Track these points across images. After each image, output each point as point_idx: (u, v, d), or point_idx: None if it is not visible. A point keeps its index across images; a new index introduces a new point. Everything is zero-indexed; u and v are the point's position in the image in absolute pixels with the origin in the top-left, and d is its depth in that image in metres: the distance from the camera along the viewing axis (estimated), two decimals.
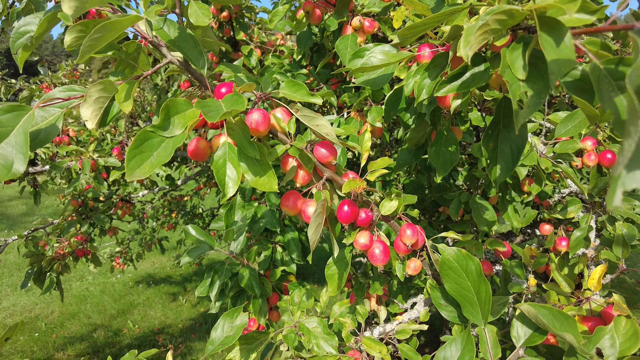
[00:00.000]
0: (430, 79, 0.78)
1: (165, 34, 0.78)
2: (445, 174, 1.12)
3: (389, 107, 1.10)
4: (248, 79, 0.93)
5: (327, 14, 1.52)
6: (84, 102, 0.72)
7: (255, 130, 0.84)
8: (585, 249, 1.28)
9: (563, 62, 0.49)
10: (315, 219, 0.87)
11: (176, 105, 0.76)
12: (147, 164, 0.71)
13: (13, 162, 0.68)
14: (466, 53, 0.53)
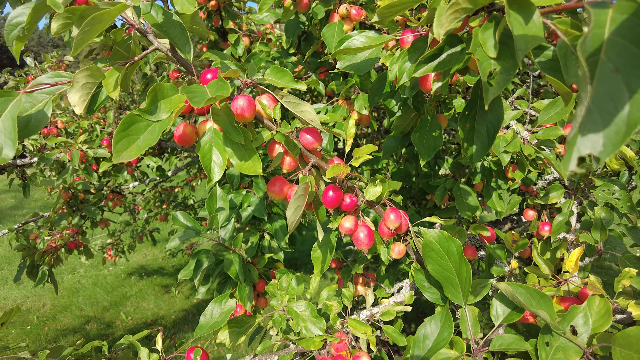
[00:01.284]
0: (410, 63, 0.80)
1: (152, 18, 0.79)
2: (428, 159, 1.15)
3: (373, 92, 1.12)
4: (231, 64, 0.94)
5: (314, 1, 1.53)
6: (71, 88, 0.73)
7: (241, 116, 0.86)
8: (567, 233, 1.32)
9: (530, 38, 0.51)
10: (295, 201, 0.89)
11: (163, 90, 0.77)
12: (133, 146, 0.73)
13: (2, 148, 0.69)
14: (438, 32, 0.55)
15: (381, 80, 1.08)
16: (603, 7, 0.40)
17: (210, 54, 0.94)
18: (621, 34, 0.38)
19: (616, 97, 0.37)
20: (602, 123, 0.37)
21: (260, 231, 2.17)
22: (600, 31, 0.38)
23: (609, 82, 0.37)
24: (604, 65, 0.38)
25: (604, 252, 1.18)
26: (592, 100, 0.38)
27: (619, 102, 0.37)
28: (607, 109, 0.38)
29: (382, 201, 1.06)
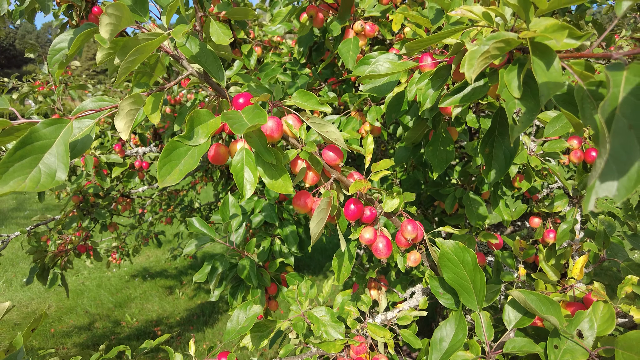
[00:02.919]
0: (433, 89, 0.86)
1: (188, 50, 0.85)
2: (441, 172, 1.21)
3: (391, 109, 1.18)
4: (258, 87, 1.00)
5: (329, 17, 1.59)
6: (117, 115, 0.79)
7: (270, 136, 0.92)
8: (571, 241, 1.38)
9: (552, 84, 0.57)
10: (319, 214, 0.95)
11: (199, 116, 0.83)
12: (175, 171, 0.79)
13: (56, 171, 0.75)
14: (470, 75, 0.61)
15: (399, 98, 1.14)
16: (619, 69, 0.46)
17: (238, 78, 1.00)
18: (635, 94, 0.44)
19: (629, 150, 0.44)
20: (617, 172, 0.44)
21: (272, 236, 2.24)
22: (617, 90, 0.45)
23: (624, 136, 0.44)
24: (619, 120, 0.45)
25: (607, 259, 1.24)
26: (610, 152, 0.44)
27: (632, 155, 0.43)
28: (622, 159, 0.44)
29: (399, 212, 1.12)
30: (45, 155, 0.75)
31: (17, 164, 0.72)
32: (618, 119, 0.46)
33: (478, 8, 0.71)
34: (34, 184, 0.72)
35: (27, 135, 0.73)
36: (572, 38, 0.64)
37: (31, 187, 0.72)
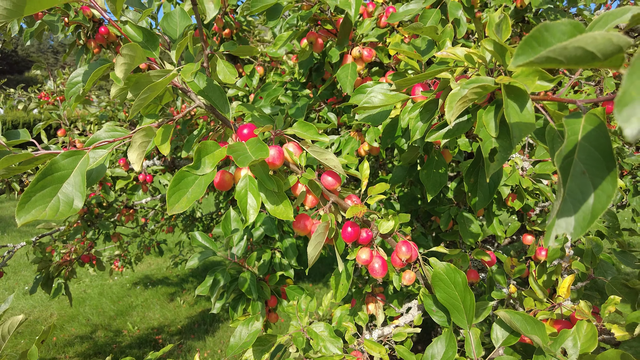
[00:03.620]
0: (422, 122, 0.92)
1: (196, 85, 0.91)
2: (435, 194, 1.26)
3: (386, 135, 1.24)
4: (261, 117, 1.06)
5: (328, 41, 1.66)
6: (130, 148, 0.85)
7: (272, 164, 0.98)
8: (561, 259, 1.43)
9: (524, 125, 0.63)
10: (316, 238, 1.00)
11: (206, 147, 0.89)
12: (184, 199, 0.85)
13: (73, 199, 0.81)
14: (449, 118, 0.67)
15: (393, 125, 1.21)
16: (577, 117, 0.52)
17: (242, 108, 1.07)
18: (589, 141, 0.50)
19: (584, 191, 0.50)
20: (573, 210, 0.49)
21: (272, 249, 2.29)
22: (575, 137, 0.51)
23: (580, 179, 0.50)
24: (577, 165, 0.51)
25: (595, 278, 1.29)
26: (567, 192, 0.50)
27: (586, 195, 0.49)
28: (578, 199, 0.50)
29: (394, 233, 1.18)
30: (64, 184, 0.81)
31: (38, 193, 0.78)
32: (576, 163, 0.52)
33: (461, 50, 0.77)
34: (54, 212, 0.78)
35: (47, 167, 0.80)
36: (545, 81, 0.70)
37: (51, 215, 0.78)
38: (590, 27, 0.61)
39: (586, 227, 0.49)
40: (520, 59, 0.45)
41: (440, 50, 1.14)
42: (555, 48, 0.39)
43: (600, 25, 0.61)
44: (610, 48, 0.42)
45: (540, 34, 0.46)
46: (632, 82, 0.35)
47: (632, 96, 0.35)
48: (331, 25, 1.61)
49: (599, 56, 0.43)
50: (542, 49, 0.45)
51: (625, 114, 0.35)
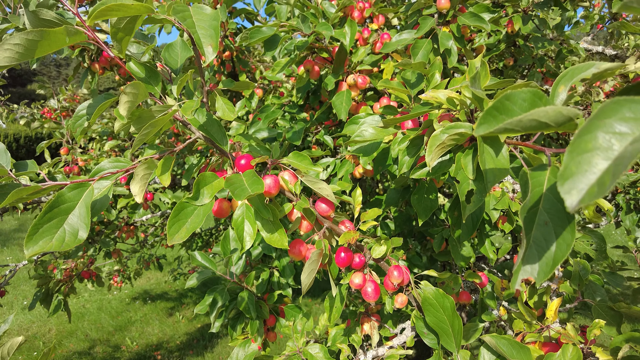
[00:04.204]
0: (409, 157, 0.97)
1: (196, 121, 0.97)
2: (426, 219, 1.31)
3: (378, 163, 1.29)
4: (259, 146, 1.11)
5: (324, 69, 1.72)
6: (133, 180, 0.90)
7: (268, 192, 1.03)
8: (550, 281, 1.47)
9: (498, 171, 0.68)
10: (310, 265, 1.04)
11: (205, 178, 0.94)
12: (183, 229, 0.89)
13: (78, 230, 0.85)
14: (429, 162, 0.72)
15: (384, 153, 1.26)
16: (542, 169, 0.57)
17: (240, 138, 1.12)
18: (553, 193, 0.55)
19: (548, 239, 0.54)
20: (537, 257, 0.54)
21: (270, 268, 2.32)
22: (540, 189, 0.55)
23: (544, 227, 0.54)
24: (541, 214, 0.55)
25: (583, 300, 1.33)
26: (532, 239, 0.55)
27: (550, 243, 0.54)
28: (542, 247, 0.54)
29: (387, 257, 1.22)
30: (70, 216, 0.85)
31: (45, 225, 0.83)
32: (540, 212, 0.56)
33: (443, 93, 0.83)
34: (60, 242, 0.83)
35: (55, 199, 0.84)
36: None
37: (57, 246, 0.82)
38: (558, 80, 0.66)
39: (549, 272, 0.54)
40: (482, 128, 0.49)
41: (429, 83, 1.19)
42: (512, 121, 0.44)
43: (567, 79, 0.66)
44: (562, 119, 0.47)
45: (501, 103, 0.51)
46: (572, 158, 0.40)
47: (572, 171, 0.39)
48: (327, 53, 1.67)
49: (552, 125, 0.48)
50: (503, 117, 0.50)
51: (567, 187, 0.40)
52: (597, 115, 0.43)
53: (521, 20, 1.77)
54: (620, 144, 0.40)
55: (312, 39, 1.49)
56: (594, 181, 0.39)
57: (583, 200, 0.39)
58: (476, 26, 1.46)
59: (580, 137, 0.41)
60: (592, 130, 0.41)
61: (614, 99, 0.42)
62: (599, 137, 0.41)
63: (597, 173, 0.40)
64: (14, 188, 0.86)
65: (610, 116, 0.41)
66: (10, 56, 0.80)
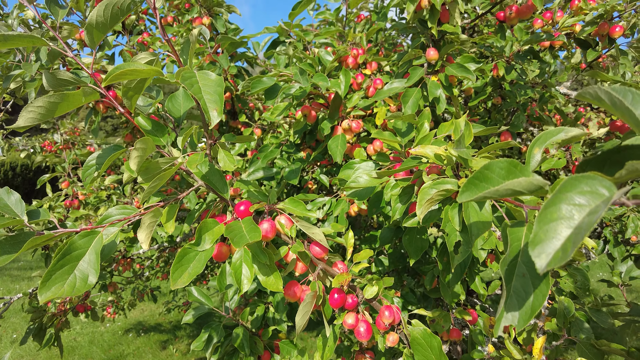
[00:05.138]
0: (401, 204, 1.05)
1: (200, 171, 1.04)
2: (417, 259, 1.37)
3: (372, 205, 1.36)
4: (257, 192, 1.19)
5: (320, 113, 1.82)
6: (140, 229, 0.96)
7: (265, 237, 1.09)
8: (537, 319, 1.52)
9: (481, 224, 0.75)
10: (304, 307, 1.10)
11: (207, 225, 1.01)
12: (185, 274, 0.95)
13: (88, 275, 0.91)
14: (419, 215, 0.79)
15: (378, 196, 1.33)
16: (520, 225, 0.64)
17: (239, 184, 1.19)
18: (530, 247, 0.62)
19: (527, 290, 0.61)
20: (518, 306, 0.60)
21: (265, 304, 2.35)
22: (518, 243, 0.62)
23: (523, 279, 0.61)
24: (520, 267, 0.62)
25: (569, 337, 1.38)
26: (512, 289, 0.61)
27: (528, 293, 0.60)
28: (522, 296, 0.61)
29: (379, 297, 1.27)
30: (80, 262, 0.91)
31: (58, 272, 0.88)
32: (519, 265, 0.63)
33: (431, 149, 0.91)
34: (71, 288, 0.88)
35: (67, 247, 0.90)
36: None
37: (69, 291, 0.88)
38: (533, 143, 0.75)
39: (528, 320, 0.60)
40: (464, 195, 0.57)
41: (419, 132, 1.28)
42: (489, 191, 0.52)
43: (541, 142, 0.74)
44: (533, 187, 0.54)
45: (481, 173, 0.59)
46: (541, 227, 0.47)
47: (541, 238, 0.47)
48: (323, 99, 1.77)
49: (525, 192, 0.55)
50: (484, 184, 0.58)
51: (537, 252, 0.47)
52: (560, 189, 0.50)
53: (504, 69, 1.89)
54: (579, 215, 0.48)
55: (309, 88, 1.59)
56: (559, 247, 0.46)
57: (550, 264, 0.46)
58: (462, 76, 1.57)
59: (547, 208, 0.49)
60: (556, 202, 0.49)
61: (574, 175, 0.50)
62: (563, 208, 0.48)
63: (561, 240, 0.47)
64: (29, 236, 0.92)
65: (570, 190, 0.49)
66: (33, 117, 0.88)
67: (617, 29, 1.73)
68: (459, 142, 0.80)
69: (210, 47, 2.36)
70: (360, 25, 2.40)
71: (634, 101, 0.47)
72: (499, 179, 0.59)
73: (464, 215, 0.74)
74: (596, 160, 0.58)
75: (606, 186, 0.46)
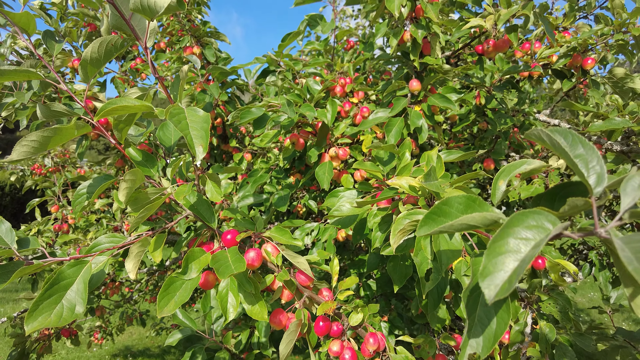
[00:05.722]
0: (381, 232, 1.08)
1: (187, 201, 1.07)
2: (401, 285, 1.39)
3: (356, 232, 1.39)
4: (244, 222, 1.22)
5: (308, 140, 1.87)
6: (128, 258, 0.98)
7: (251, 265, 1.11)
8: (521, 344, 1.54)
9: (451, 252, 0.79)
10: (289, 335, 1.12)
11: (194, 254, 1.03)
12: (172, 302, 0.97)
13: (75, 305, 0.93)
14: (393, 245, 0.83)
15: (362, 223, 1.36)
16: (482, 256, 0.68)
17: (227, 212, 1.22)
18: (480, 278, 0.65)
19: (489, 317, 0.64)
20: (481, 333, 0.63)
21: (251, 327, 2.34)
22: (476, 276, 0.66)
23: (485, 307, 0.64)
24: (482, 297, 0.65)
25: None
26: (477, 317, 0.65)
27: (491, 321, 0.64)
28: (484, 324, 0.64)
29: (364, 325, 1.29)
30: (68, 292, 0.93)
31: (45, 302, 0.90)
32: (482, 296, 0.66)
33: (406, 181, 0.95)
34: (58, 318, 0.90)
35: (55, 277, 0.92)
36: None
37: (55, 321, 0.89)
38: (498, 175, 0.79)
39: (491, 347, 0.63)
40: (422, 230, 0.61)
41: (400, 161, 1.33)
42: (445, 226, 0.56)
43: (505, 175, 0.79)
44: (488, 221, 0.58)
45: (439, 208, 0.63)
46: (490, 260, 0.51)
47: (490, 270, 0.50)
48: (311, 127, 1.82)
49: (480, 226, 0.59)
50: (442, 219, 0.62)
51: (486, 283, 0.50)
52: (507, 224, 0.54)
53: (485, 99, 1.96)
54: (526, 248, 0.52)
55: (296, 119, 1.64)
56: (506, 279, 0.50)
57: (498, 294, 0.50)
58: (444, 107, 1.63)
59: (495, 242, 0.52)
60: (504, 236, 0.53)
61: (522, 211, 0.54)
62: (510, 242, 0.52)
63: (508, 272, 0.50)
64: (19, 266, 0.94)
65: (518, 224, 0.53)
66: (26, 150, 0.91)
67: (589, 61, 1.82)
68: (429, 175, 0.84)
69: (201, 75, 2.42)
70: (348, 55, 2.48)
71: (572, 142, 0.52)
72: (457, 213, 0.63)
73: (434, 244, 0.77)
74: (548, 195, 0.63)
75: (551, 220, 0.50)
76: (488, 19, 1.53)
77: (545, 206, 0.63)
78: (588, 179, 0.52)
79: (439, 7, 1.58)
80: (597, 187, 0.51)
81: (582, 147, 0.52)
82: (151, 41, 0.99)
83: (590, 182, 0.51)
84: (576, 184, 0.62)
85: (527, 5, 1.43)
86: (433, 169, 0.86)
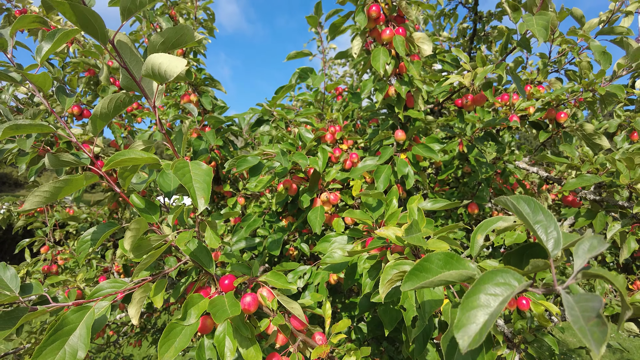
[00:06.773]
0: (370, 279, 1.15)
1: (188, 249, 1.13)
2: (392, 329, 1.44)
3: (347, 277, 1.45)
4: (240, 266, 1.27)
5: (301, 185, 1.95)
6: (130, 304, 1.03)
7: (247, 310, 1.16)
8: None
9: (434, 302, 0.85)
10: None
11: (193, 299, 1.08)
12: (172, 348, 1.01)
13: (77, 350, 0.96)
14: (381, 293, 0.89)
15: (353, 269, 1.43)
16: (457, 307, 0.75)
17: (224, 257, 1.28)
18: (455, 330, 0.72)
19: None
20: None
21: None
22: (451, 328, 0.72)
23: (462, 355, 0.70)
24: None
25: None
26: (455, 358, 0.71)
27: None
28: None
29: None
30: (71, 337, 0.96)
31: (48, 347, 0.93)
32: None
33: (393, 231, 1.03)
34: None
35: (59, 322, 0.96)
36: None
37: None
38: (476, 230, 0.87)
39: None
40: (407, 285, 0.68)
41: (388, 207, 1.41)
42: (426, 282, 0.63)
43: (482, 230, 0.87)
44: (463, 278, 0.66)
45: (421, 265, 0.70)
46: (463, 314, 0.58)
47: (463, 323, 0.57)
48: (303, 174, 1.91)
49: (457, 281, 0.67)
50: (424, 275, 0.69)
51: (460, 334, 0.57)
52: (479, 281, 0.62)
53: (466, 148, 2.09)
54: (495, 303, 0.59)
55: (289, 167, 1.73)
56: (477, 330, 0.57)
57: (471, 344, 0.56)
58: (427, 156, 1.74)
59: (468, 297, 0.60)
60: (476, 292, 0.60)
61: (491, 270, 0.62)
62: (482, 297, 0.59)
63: (479, 325, 0.57)
64: (24, 312, 0.98)
65: (488, 282, 0.61)
66: (39, 200, 0.97)
67: (562, 115, 1.97)
68: (410, 228, 0.92)
69: (198, 121, 2.53)
70: (337, 104, 2.62)
71: (534, 210, 0.60)
72: (437, 269, 0.70)
73: (418, 295, 0.84)
74: (517, 252, 0.71)
75: (517, 278, 0.58)
76: (466, 76, 1.67)
77: (514, 263, 0.71)
78: (546, 243, 0.60)
79: (420, 65, 1.73)
80: (554, 250, 0.59)
81: (542, 214, 0.61)
82: (159, 100, 1.08)
83: (549, 247, 0.60)
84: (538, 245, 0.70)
85: (501, 65, 1.57)
86: (415, 222, 0.94)
